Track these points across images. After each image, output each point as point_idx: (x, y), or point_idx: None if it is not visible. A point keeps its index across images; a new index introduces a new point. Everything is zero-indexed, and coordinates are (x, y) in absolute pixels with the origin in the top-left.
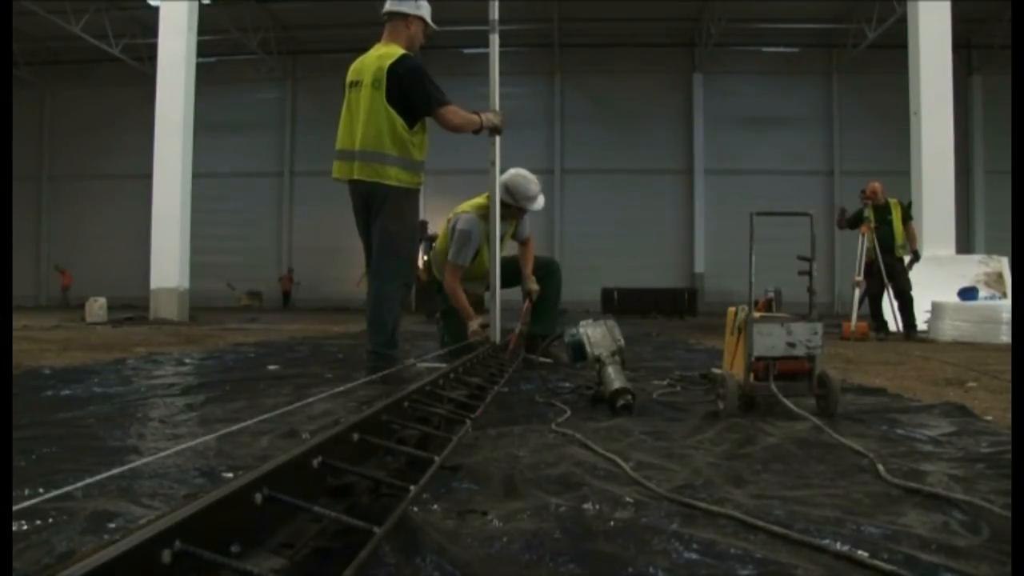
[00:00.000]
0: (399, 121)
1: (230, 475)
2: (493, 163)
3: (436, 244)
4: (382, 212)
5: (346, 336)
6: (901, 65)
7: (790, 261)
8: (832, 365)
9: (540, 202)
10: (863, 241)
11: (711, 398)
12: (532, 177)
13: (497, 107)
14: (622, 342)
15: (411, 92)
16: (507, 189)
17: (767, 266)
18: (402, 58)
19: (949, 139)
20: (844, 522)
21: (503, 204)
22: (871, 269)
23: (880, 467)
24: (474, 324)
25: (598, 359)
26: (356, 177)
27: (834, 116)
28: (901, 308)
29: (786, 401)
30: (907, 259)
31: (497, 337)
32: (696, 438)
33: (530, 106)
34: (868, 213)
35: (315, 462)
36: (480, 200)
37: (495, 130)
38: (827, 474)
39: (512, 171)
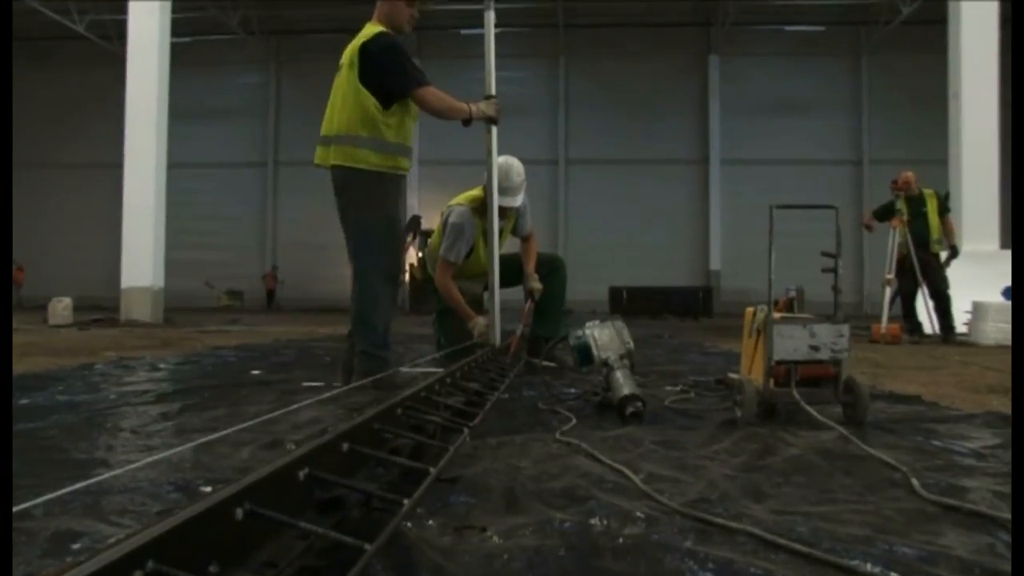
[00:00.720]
0: (372, 101)
1: (208, 489)
2: (490, 153)
3: (430, 240)
4: (355, 199)
5: (334, 338)
6: (938, 43)
7: (813, 258)
8: (860, 370)
9: (519, 199)
10: (894, 236)
11: (727, 405)
12: (517, 167)
13: (493, 90)
14: (631, 345)
15: (384, 71)
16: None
17: (788, 263)
18: (376, 36)
19: (993, 123)
20: (874, 541)
21: (484, 198)
22: (903, 266)
23: (915, 481)
24: (480, 324)
25: (605, 363)
26: (332, 163)
27: (863, 100)
28: (937, 308)
29: (809, 409)
30: (944, 255)
31: (497, 339)
32: (711, 448)
33: (532, 91)
34: (900, 205)
35: (301, 474)
36: (475, 192)
37: (490, 120)
38: (855, 488)
39: (498, 159)
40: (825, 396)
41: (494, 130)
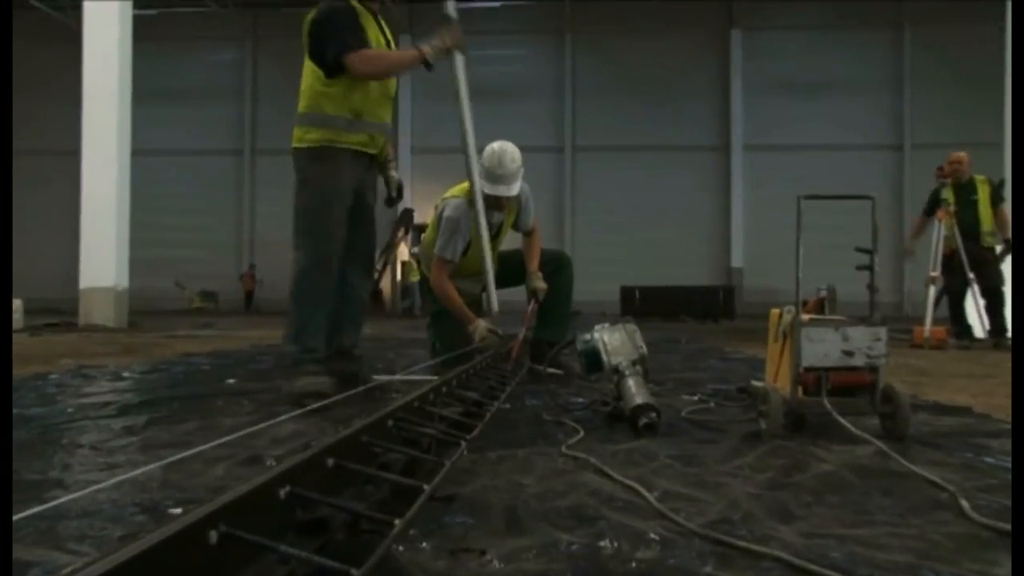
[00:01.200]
0: (317, 73)
1: (178, 511)
2: (459, 97)
3: (424, 236)
4: (296, 179)
5: None
6: (991, 13)
7: (847, 253)
8: (900, 378)
9: (515, 187)
10: (940, 228)
11: (751, 416)
12: (512, 152)
13: (453, 10)
14: (644, 350)
15: (318, 40)
16: (481, 167)
17: (818, 260)
18: (320, 5)
19: None
20: (919, 569)
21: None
22: (951, 262)
23: (964, 503)
24: (482, 327)
25: (616, 370)
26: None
27: (905, 78)
28: (989, 309)
29: (842, 420)
30: (998, 249)
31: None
32: (733, 463)
33: (534, 71)
34: (947, 194)
35: (282, 492)
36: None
37: (450, 52)
38: (895, 510)
39: (491, 145)
40: (860, 406)
41: (461, 63)
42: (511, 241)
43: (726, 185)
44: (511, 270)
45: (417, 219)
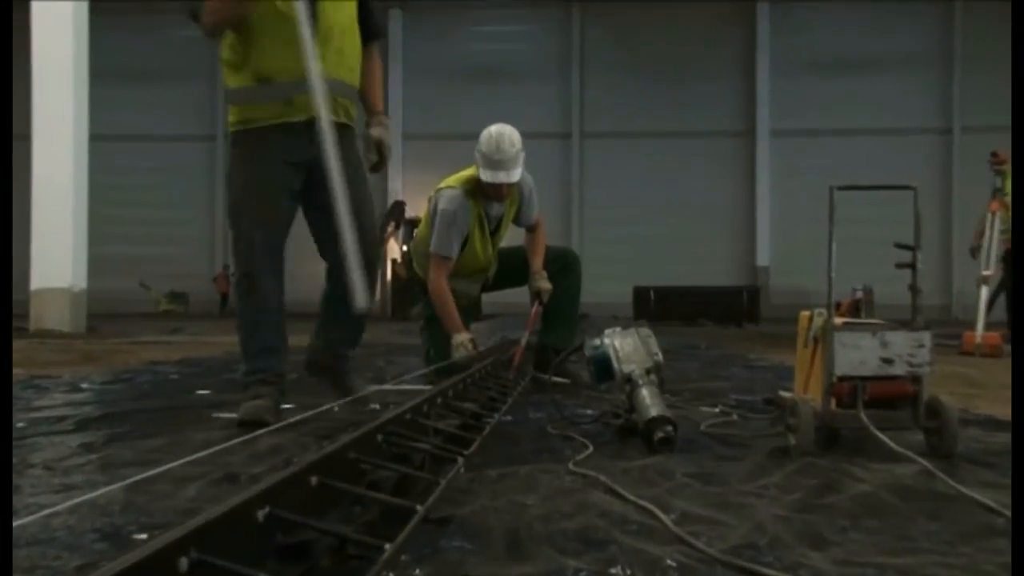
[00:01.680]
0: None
1: (143, 536)
2: (303, 39)
3: (417, 232)
4: None
5: (301, 350)
6: None
7: (886, 250)
8: (948, 389)
9: (515, 173)
10: (994, 221)
11: (778, 431)
12: (511, 134)
13: None
14: (660, 357)
15: None
16: (478, 154)
17: (854, 257)
18: None
19: None
20: None
21: (478, 179)
22: (1007, 260)
23: None
24: (461, 337)
25: (628, 379)
26: None
27: (955, 54)
28: None
29: (881, 436)
30: None
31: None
32: (759, 483)
33: (539, 50)
34: (1002, 183)
35: (260, 515)
36: (468, 172)
37: None
38: (943, 536)
39: (488, 128)
40: (902, 420)
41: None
42: (512, 237)
43: (751, 174)
44: (512, 269)
45: (409, 212)
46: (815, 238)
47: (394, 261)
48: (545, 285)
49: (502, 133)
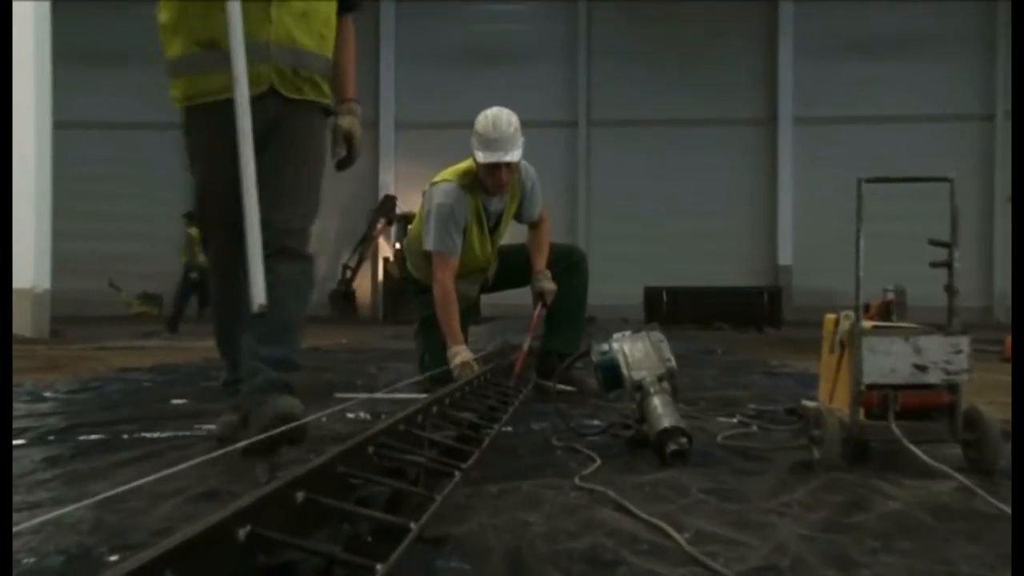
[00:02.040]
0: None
1: (114, 558)
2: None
3: (410, 228)
4: None
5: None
6: None
7: (919, 247)
8: (987, 399)
9: (514, 153)
10: None
11: (802, 443)
12: (507, 115)
13: None
14: (673, 363)
15: None
16: (474, 137)
17: (885, 255)
18: None
19: None
20: None
21: (476, 172)
22: None
23: None
24: (461, 353)
25: (639, 387)
26: None
27: (998, 33)
28: None
29: (914, 449)
30: None
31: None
32: (780, 499)
33: (543, 32)
34: None
35: (241, 533)
36: (465, 165)
37: None
38: (984, 559)
39: (484, 111)
40: (937, 432)
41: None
42: (513, 234)
43: (772, 165)
44: (513, 268)
45: (402, 207)
46: (842, 235)
47: (386, 260)
48: (549, 286)
49: (499, 113)
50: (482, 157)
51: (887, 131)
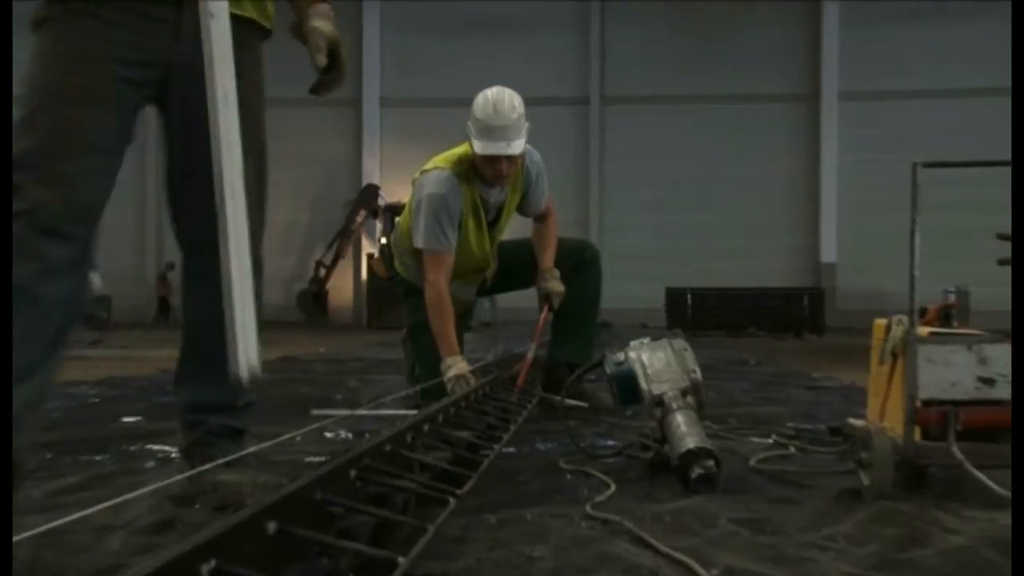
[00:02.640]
0: None
1: None
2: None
3: (399, 222)
4: None
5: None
6: None
7: (985, 242)
8: None
9: (516, 144)
10: None
11: (848, 467)
12: (511, 98)
13: None
14: (698, 374)
15: None
16: (471, 122)
17: (944, 252)
18: None
19: None
20: None
21: (472, 159)
22: None
23: None
24: (458, 365)
25: (660, 402)
26: None
27: None
28: None
29: (979, 475)
30: None
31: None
32: (823, 532)
33: None
34: None
35: (205, 570)
36: (459, 150)
37: None
38: None
39: (484, 91)
40: (1005, 456)
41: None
42: (516, 228)
43: (814, 148)
44: (516, 268)
45: (390, 197)
46: (894, 228)
47: (370, 256)
48: (556, 287)
49: (500, 96)
50: (480, 148)
51: (946, 108)
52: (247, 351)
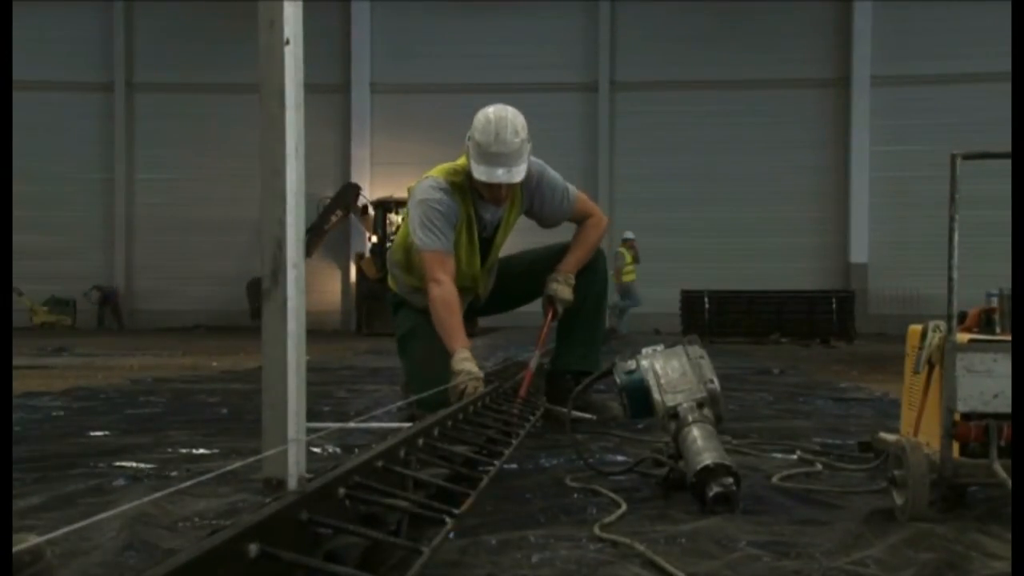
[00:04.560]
0: None
1: None
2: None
3: (395, 238)
4: None
5: (235, 376)
6: None
7: None
8: None
9: (517, 171)
10: None
11: (880, 485)
12: (514, 121)
13: None
14: (716, 385)
15: None
16: (470, 143)
17: (986, 251)
18: None
19: None
20: None
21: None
22: None
23: None
24: (466, 362)
25: (674, 414)
26: None
27: None
28: None
29: None
30: None
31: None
32: (852, 556)
33: None
34: None
35: None
36: (458, 163)
37: None
38: None
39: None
40: None
41: None
42: (514, 242)
43: (843, 139)
44: (514, 284)
45: (377, 193)
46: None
47: (359, 256)
48: (563, 291)
49: (503, 118)
50: (479, 174)
51: (988, 94)
52: None
